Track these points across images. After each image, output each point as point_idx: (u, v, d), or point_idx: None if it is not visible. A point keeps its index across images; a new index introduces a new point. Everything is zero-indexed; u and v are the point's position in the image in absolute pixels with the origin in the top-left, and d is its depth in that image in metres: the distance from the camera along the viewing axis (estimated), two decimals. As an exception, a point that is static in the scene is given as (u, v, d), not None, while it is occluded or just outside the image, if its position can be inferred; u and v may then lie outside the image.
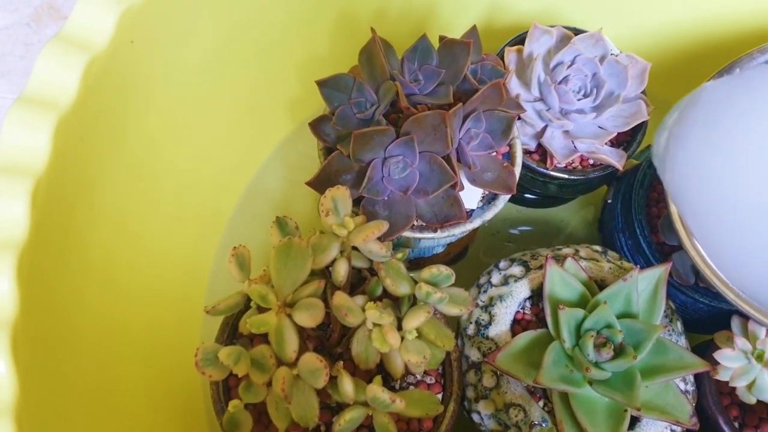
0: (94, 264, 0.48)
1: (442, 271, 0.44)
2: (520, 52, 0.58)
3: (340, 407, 0.46)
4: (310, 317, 0.41)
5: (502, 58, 0.59)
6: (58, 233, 0.43)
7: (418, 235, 0.49)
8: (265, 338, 0.45)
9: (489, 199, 0.51)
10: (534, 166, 0.57)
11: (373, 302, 0.44)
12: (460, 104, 0.46)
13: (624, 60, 0.57)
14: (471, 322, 0.50)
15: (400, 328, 0.43)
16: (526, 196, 0.65)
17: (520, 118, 0.56)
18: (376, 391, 0.40)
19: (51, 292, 0.42)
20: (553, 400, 0.46)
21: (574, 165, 0.57)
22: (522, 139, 0.56)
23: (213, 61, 0.57)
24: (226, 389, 0.46)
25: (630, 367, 0.44)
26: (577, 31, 0.59)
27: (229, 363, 0.40)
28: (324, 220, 0.44)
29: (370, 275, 0.49)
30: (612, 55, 0.57)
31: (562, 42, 0.58)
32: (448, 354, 0.48)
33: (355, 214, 0.45)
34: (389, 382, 0.47)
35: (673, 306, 0.52)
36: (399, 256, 0.47)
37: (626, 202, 0.58)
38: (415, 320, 0.42)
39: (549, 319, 0.47)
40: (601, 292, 0.47)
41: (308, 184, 0.48)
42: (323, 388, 0.41)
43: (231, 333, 0.48)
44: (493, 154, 0.51)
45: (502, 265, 0.53)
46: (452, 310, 0.45)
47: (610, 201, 0.61)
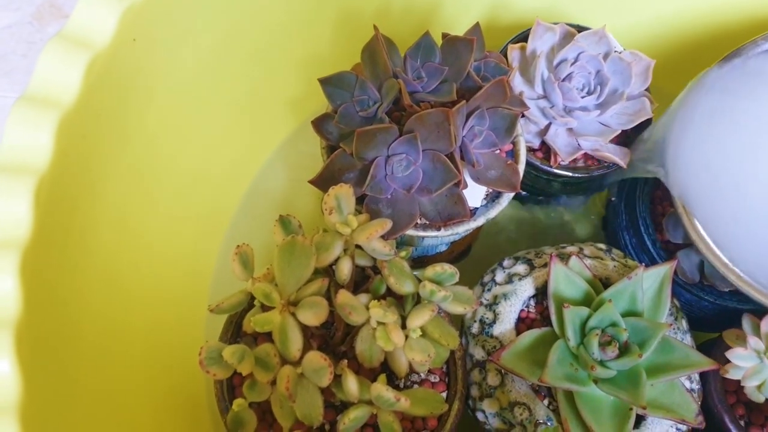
0: (96, 262, 0.47)
1: (446, 270, 0.44)
2: (523, 50, 0.58)
3: (344, 406, 0.46)
4: (314, 316, 0.41)
5: (505, 56, 0.58)
6: (60, 232, 0.42)
7: (421, 234, 0.49)
8: (269, 337, 0.45)
9: (493, 197, 0.51)
10: (538, 163, 0.56)
11: (377, 301, 0.44)
12: (464, 102, 0.46)
13: (628, 57, 0.56)
14: (475, 321, 0.50)
15: (404, 326, 0.43)
16: (529, 194, 0.64)
17: (523, 116, 0.56)
18: (381, 389, 0.39)
19: (53, 290, 0.42)
20: (558, 399, 0.45)
21: (577, 163, 0.57)
22: (526, 136, 0.56)
23: (214, 59, 0.56)
24: (230, 388, 0.46)
25: (635, 366, 0.44)
26: (580, 29, 0.59)
27: (233, 362, 0.40)
28: (327, 219, 0.44)
29: (374, 274, 0.48)
30: (615, 52, 0.57)
31: (566, 39, 0.58)
32: (453, 353, 0.48)
33: (358, 213, 0.45)
34: (393, 381, 0.47)
35: (678, 304, 0.52)
36: (402, 254, 0.47)
37: (630, 200, 0.58)
38: (420, 319, 0.42)
39: (554, 318, 0.47)
40: (606, 290, 0.47)
41: (311, 183, 0.48)
42: (327, 387, 0.40)
43: (235, 332, 0.48)
44: (497, 151, 0.51)
45: (506, 263, 0.53)
46: (456, 309, 0.45)
47: (614, 199, 0.61)
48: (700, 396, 0.49)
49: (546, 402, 0.47)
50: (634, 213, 0.56)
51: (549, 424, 0.46)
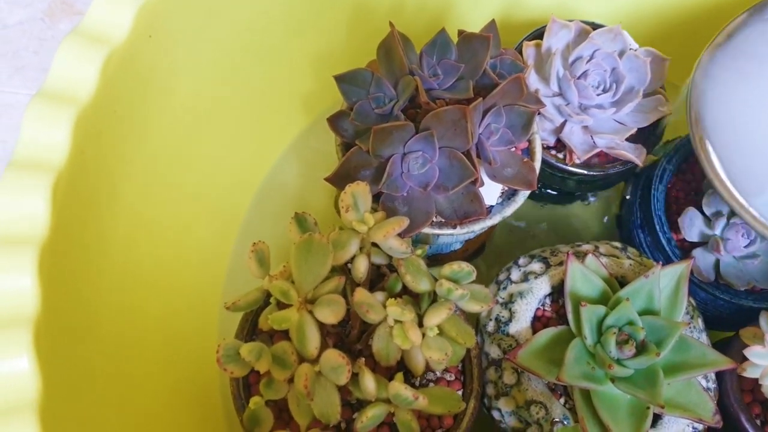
0: (112, 258, 0.47)
1: (463, 268, 0.44)
2: (538, 47, 0.58)
3: (360, 404, 0.46)
4: (331, 313, 0.40)
5: (520, 53, 0.58)
6: (77, 228, 0.42)
7: (437, 232, 0.49)
8: (286, 334, 0.45)
9: (508, 195, 0.51)
10: (553, 161, 0.56)
11: (393, 299, 0.43)
12: (480, 99, 0.46)
13: (643, 55, 0.56)
14: (491, 319, 0.50)
15: (420, 324, 0.43)
16: (543, 191, 0.64)
17: (539, 113, 0.56)
18: (399, 388, 0.39)
19: (71, 287, 0.42)
20: (575, 398, 0.45)
21: (593, 161, 0.57)
22: (541, 134, 0.56)
23: (228, 56, 0.56)
24: (246, 386, 0.46)
25: (652, 365, 0.44)
26: (595, 26, 0.59)
27: (250, 359, 0.39)
28: (344, 216, 0.44)
29: (389, 271, 0.48)
30: (631, 49, 0.57)
31: (580, 36, 0.58)
32: (468, 351, 0.47)
33: (374, 210, 0.45)
34: (409, 379, 0.47)
35: (694, 303, 0.52)
36: (419, 252, 0.46)
37: (645, 198, 0.58)
38: (437, 317, 0.42)
39: (570, 316, 0.46)
40: (623, 288, 0.47)
41: (327, 180, 0.48)
42: (344, 385, 0.40)
43: (250, 329, 0.47)
44: (513, 149, 0.50)
45: (521, 261, 0.53)
46: (473, 307, 0.44)
47: (628, 197, 0.61)
48: (716, 395, 0.49)
49: (562, 401, 0.47)
50: (650, 211, 0.56)
51: (566, 422, 0.46)
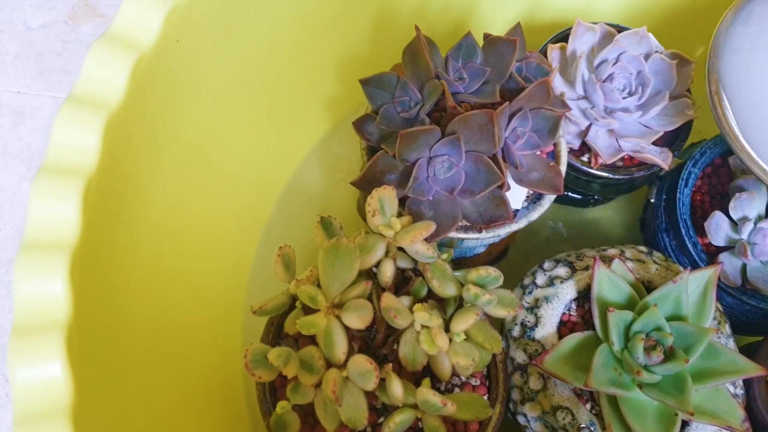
0: (140, 262, 0.48)
1: (491, 273, 0.44)
2: (563, 50, 0.57)
3: (386, 408, 0.46)
4: (359, 319, 0.40)
5: (545, 55, 0.58)
6: (107, 232, 0.43)
7: (462, 236, 0.49)
8: (311, 339, 0.45)
9: (534, 199, 0.51)
10: (578, 165, 0.56)
11: (419, 303, 0.43)
12: (507, 103, 0.46)
13: (669, 57, 0.56)
14: (516, 324, 0.50)
15: (447, 330, 0.43)
16: (566, 194, 0.64)
17: (565, 117, 0.55)
18: (427, 394, 0.39)
19: (101, 291, 0.42)
20: (601, 404, 0.45)
21: (618, 164, 0.57)
22: (565, 137, 0.55)
23: (252, 59, 0.56)
24: (272, 390, 0.46)
25: (680, 371, 0.44)
26: (620, 28, 0.58)
27: (278, 364, 0.40)
28: (370, 220, 0.44)
29: (414, 275, 0.48)
30: (656, 52, 0.56)
31: (605, 39, 0.57)
32: (494, 356, 0.47)
33: (399, 215, 0.45)
34: (434, 384, 0.47)
35: (721, 308, 0.51)
36: (444, 256, 0.46)
37: (670, 201, 0.57)
38: (464, 323, 0.42)
39: (597, 321, 0.46)
40: (651, 294, 0.46)
41: (353, 184, 0.48)
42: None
43: (276, 333, 0.48)
44: (538, 153, 0.50)
45: (546, 265, 0.52)
46: (500, 313, 0.44)
47: (652, 200, 0.60)
48: (744, 401, 0.48)
49: (588, 406, 0.47)
50: (675, 215, 0.56)
51: (592, 428, 0.46)
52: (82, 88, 0.41)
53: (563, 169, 0.51)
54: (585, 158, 0.57)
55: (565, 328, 0.49)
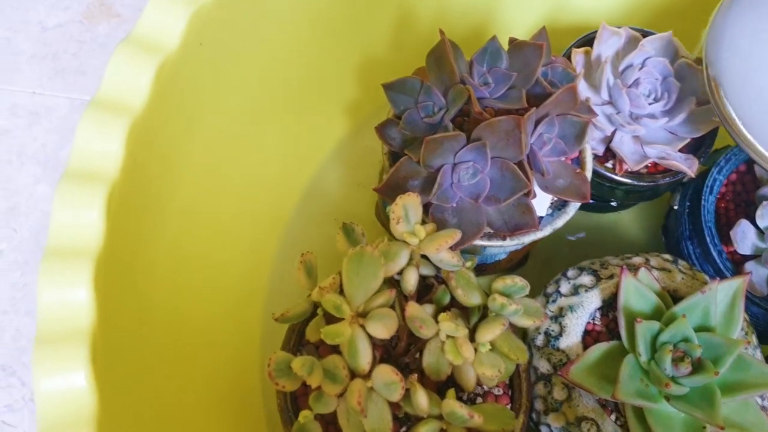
0: (161, 267, 0.47)
1: (516, 282, 0.43)
2: (588, 54, 0.57)
3: (408, 418, 0.45)
4: (384, 328, 0.40)
5: (569, 59, 0.57)
6: (129, 237, 0.42)
7: (486, 243, 0.48)
8: (333, 347, 0.44)
9: (558, 206, 0.50)
10: (602, 171, 0.55)
11: (443, 312, 0.43)
12: (534, 109, 0.45)
13: (695, 63, 0.55)
14: (540, 333, 0.49)
15: (471, 339, 0.42)
16: (589, 201, 0.63)
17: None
18: (454, 406, 0.39)
19: (122, 296, 0.42)
20: (627, 415, 0.44)
21: (642, 171, 0.56)
22: (590, 143, 0.54)
23: (273, 62, 0.56)
24: (293, 398, 0.46)
25: (709, 383, 0.43)
26: (645, 33, 0.57)
27: (302, 374, 0.39)
28: (394, 228, 0.43)
29: (436, 283, 0.48)
30: (683, 57, 0.55)
31: (630, 44, 0.56)
32: (517, 365, 0.47)
33: (423, 222, 0.44)
34: (457, 394, 0.46)
35: (747, 318, 0.51)
36: (468, 264, 0.46)
37: (695, 209, 0.56)
38: (491, 333, 0.41)
39: (623, 332, 0.45)
40: (678, 304, 0.46)
41: (376, 191, 0.47)
42: (395, 400, 0.40)
43: (297, 340, 0.47)
44: (564, 159, 0.49)
45: (570, 273, 0.52)
46: (525, 322, 0.44)
47: (676, 207, 0.59)
48: (771, 414, 0.48)
49: (613, 417, 0.46)
50: (699, 223, 0.55)
51: (618, 440, 0.45)
52: (105, 92, 0.40)
53: (589, 175, 0.50)
54: (609, 164, 0.56)
55: (589, 337, 0.48)
